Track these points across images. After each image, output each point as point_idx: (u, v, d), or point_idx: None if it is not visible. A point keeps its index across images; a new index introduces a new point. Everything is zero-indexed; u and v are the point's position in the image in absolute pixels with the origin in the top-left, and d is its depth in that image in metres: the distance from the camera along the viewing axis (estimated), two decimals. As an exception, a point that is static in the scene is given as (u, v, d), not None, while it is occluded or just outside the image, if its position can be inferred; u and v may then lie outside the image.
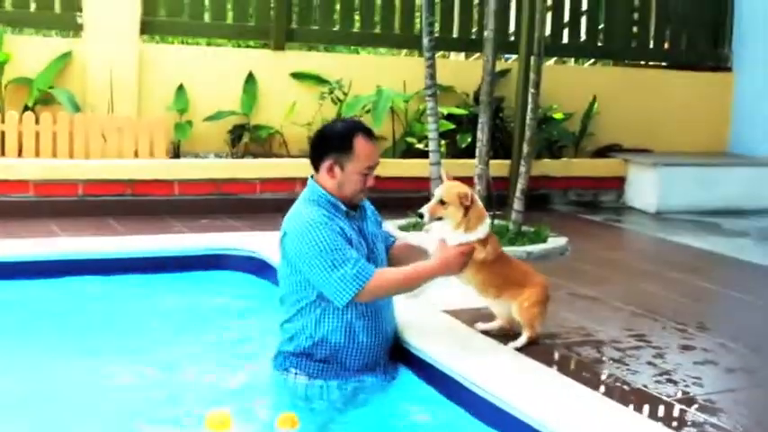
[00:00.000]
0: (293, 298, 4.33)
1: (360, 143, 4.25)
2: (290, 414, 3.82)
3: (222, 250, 6.48)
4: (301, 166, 8.39)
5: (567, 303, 5.72)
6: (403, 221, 7.65)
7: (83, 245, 6.50)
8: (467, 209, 4.32)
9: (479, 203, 4.46)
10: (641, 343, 4.97)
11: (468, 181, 7.76)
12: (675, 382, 4.36)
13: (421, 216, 4.37)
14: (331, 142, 4.29)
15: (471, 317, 4.94)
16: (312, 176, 4.39)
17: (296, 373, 4.35)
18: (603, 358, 4.68)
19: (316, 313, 4.29)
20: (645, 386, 4.28)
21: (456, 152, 9.39)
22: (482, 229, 4.41)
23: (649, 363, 4.64)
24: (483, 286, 4.55)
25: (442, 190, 4.39)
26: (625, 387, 4.26)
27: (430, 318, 4.99)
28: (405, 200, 8.48)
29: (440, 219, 4.36)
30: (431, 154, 7.47)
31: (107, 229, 7.29)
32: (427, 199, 7.61)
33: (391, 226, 4.74)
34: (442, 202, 4.35)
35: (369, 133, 4.32)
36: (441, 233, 4.40)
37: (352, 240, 4.27)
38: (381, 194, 4.46)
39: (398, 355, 4.60)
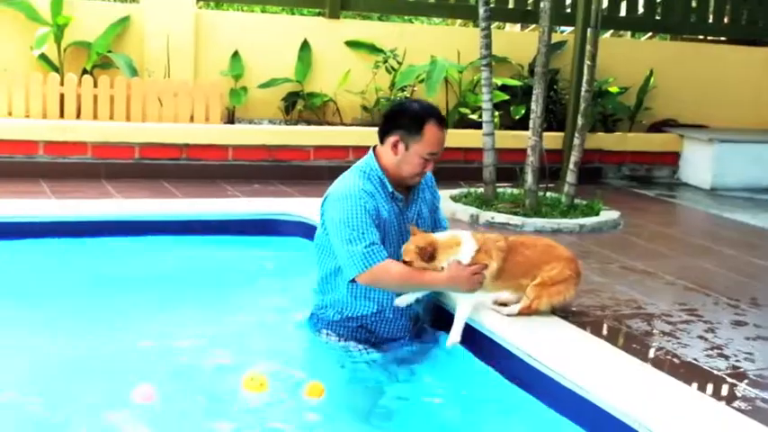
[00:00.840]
0: (320, 261, 4.47)
1: (430, 128, 4.28)
2: (318, 383, 3.90)
3: (273, 215, 6.54)
4: (354, 134, 8.49)
5: (619, 276, 5.70)
6: (455, 192, 7.66)
7: (138, 206, 6.60)
8: (431, 258, 4.22)
9: (440, 239, 4.29)
10: (693, 317, 4.93)
11: (520, 153, 7.81)
12: (726, 357, 4.33)
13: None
14: (403, 119, 4.33)
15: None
16: (374, 147, 4.44)
17: (327, 334, 4.47)
18: (654, 331, 4.66)
19: (343, 288, 4.39)
20: (695, 360, 4.26)
21: (509, 124, 9.37)
22: (463, 255, 4.30)
23: (700, 337, 4.61)
24: (508, 285, 4.45)
25: (404, 250, 4.27)
26: (675, 360, 4.24)
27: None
28: (457, 170, 8.55)
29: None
30: (484, 125, 7.45)
31: (161, 192, 7.39)
32: (478, 170, 7.70)
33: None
34: (405, 263, 4.26)
35: (441, 121, 4.35)
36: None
37: (385, 223, 4.32)
38: (436, 165, 4.44)
39: (438, 321, 4.66)
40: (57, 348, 4.38)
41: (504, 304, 4.48)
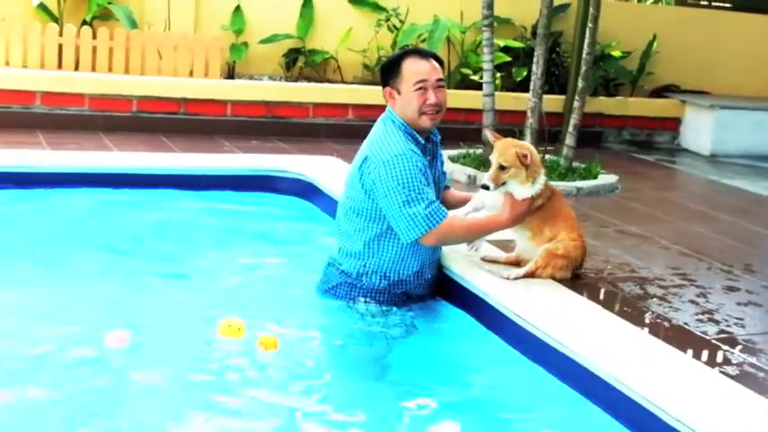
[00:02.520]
0: (357, 225, 4.32)
1: (407, 62, 4.26)
2: (271, 336, 3.89)
3: (270, 172, 6.50)
4: (355, 93, 8.45)
5: (615, 240, 5.69)
6: (454, 152, 7.63)
7: (135, 160, 6.58)
8: (528, 166, 4.17)
9: (534, 152, 4.30)
10: (685, 282, 4.93)
11: (520, 114, 7.78)
12: (717, 322, 4.33)
13: (486, 188, 4.16)
14: (384, 71, 4.36)
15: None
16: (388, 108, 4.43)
17: (366, 301, 4.38)
18: (646, 295, 4.65)
19: (391, 253, 4.31)
20: (686, 324, 4.25)
21: (511, 85, 9.33)
22: (542, 177, 4.30)
23: (692, 301, 4.61)
24: (538, 228, 4.41)
25: (499, 154, 4.18)
26: (665, 324, 4.24)
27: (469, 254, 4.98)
28: (458, 131, 8.49)
29: (504, 183, 4.19)
30: (484, 85, 7.40)
31: (158, 146, 7.36)
32: (479, 131, 7.67)
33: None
34: (502, 168, 4.16)
35: (420, 53, 4.33)
36: (514, 191, 4.26)
37: (429, 178, 4.26)
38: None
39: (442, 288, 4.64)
40: (42, 292, 4.40)
41: (494, 261, 4.48)
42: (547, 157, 7.50)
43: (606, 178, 7.30)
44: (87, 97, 7.84)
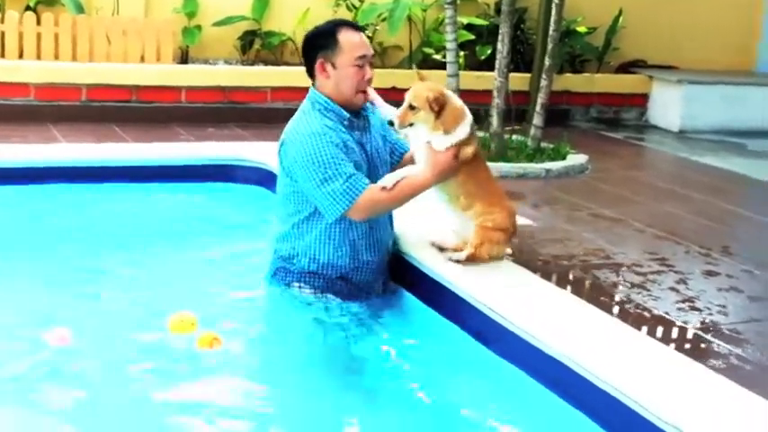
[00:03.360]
0: (288, 210, 4.12)
1: (343, 34, 4.00)
2: (211, 333, 3.67)
3: (228, 161, 6.22)
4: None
5: (587, 224, 5.48)
6: (417, 135, 7.37)
7: (83, 151, 6.27)
8: (438, 112, 3.89)
9: (455, 101, 3.99)
10: (663, 267, 4.73)
11: (485, 94, 7.54)
12: (699, 310, 4.13)
13: (391, 124, 3.96)
14: (316, 42, 4.06)
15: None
16: (312, 87, 4.13)
17: (300, 287, 4.14)
18: (623, 282, 4.45)
19: (316, 232, 4.07)
20: (666, 313, 4.05)
21: (475, 64, 9.07)
22: (462, 129, 3.95)
23: (672, 288, 4.41)
24: (460, 191, 4.08)
25: (411, 93, 3.91)
26: (645, 314, 4.04)
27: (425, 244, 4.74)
28: (420, 112, 8.23)
29: (411, 125, 3.95)
30: (448, 65, 7.14)
31: (110, 136, 7.05)
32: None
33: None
34: (411, 107, 3.90)
35: (353, 26, 4.12)
36: (421, 137, 3.99)
37: (353, 153, 4.00)
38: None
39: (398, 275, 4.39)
40: None
41: (441, 248, 4.24)
42: (514, 137, 7.28)
43: (575, 158, 7.08)
44: (33, 87, 7.52)
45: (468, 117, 3.99)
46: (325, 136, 3.91)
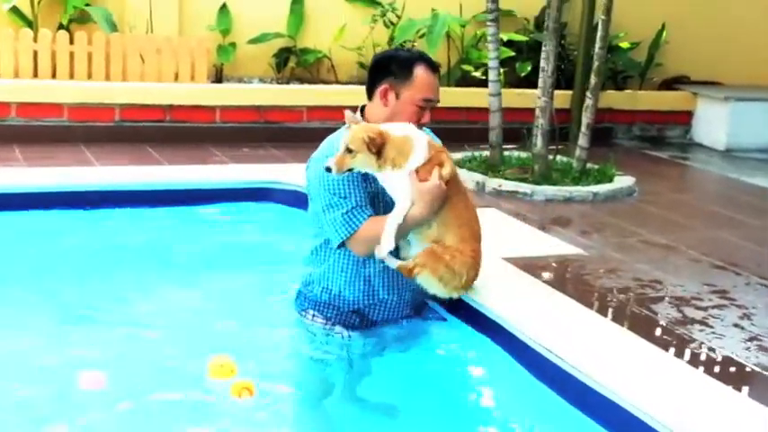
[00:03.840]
0: (312, 232, 3.97)
1: (420, 71, 3.78)
2: (246, 382, 3.46)
3: (264, 183, 6.08)
4: (351, 93, 7.91)
5: (640, 252, 5.24)
6: (458, 155, 7.17)
7: (117, 175, 6.12)
8: (378, 152, 3.56)
9: (395, 133, 3.61)
10: (724, 301, 4.47)
11: (526, 112, 7.33)
12: (767, 350, 3.87)
13: (329, 170, 3.57)
14: (390, 66, 3.81)
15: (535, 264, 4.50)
16: (362, 108, 3.92)
17: (313, 316, 3.98)
18: (684, 318, 4.19)
19: (330, 261, 3.89)
20: (734, 355, 3.79)
21: (515, 81, 8.86)
22: (416, 155, 3.62)
23: (736, 325, 4.15)
24: (434, 218, 3.74)
25: (348, 137, 3.57)
26: (711, 355, 3.79)
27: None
28: (459, 131, 8.07)
29: (351, 170, 3.61)
30: (490, 84, 6.94)
31: (144, 158, 6.88)
32: (482, 132, 7.22)
33: None
34: (348, 151, 3.56)
35: (432, 65, 3.85)
36: (387, 178, 3.67)
37: (373, 182, 3.75)
38: (434, 125, 3.93)
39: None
40: (13, 323, 4.06)
41: None
42: (558, 158, 7.05)
43: (623, 181, 6.84)
44: (66, 107, 7.37)
45: (418, 140, 3.64)
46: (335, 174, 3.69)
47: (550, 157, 6.90)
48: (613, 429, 3.23)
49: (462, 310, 4.11)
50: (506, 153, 7.15)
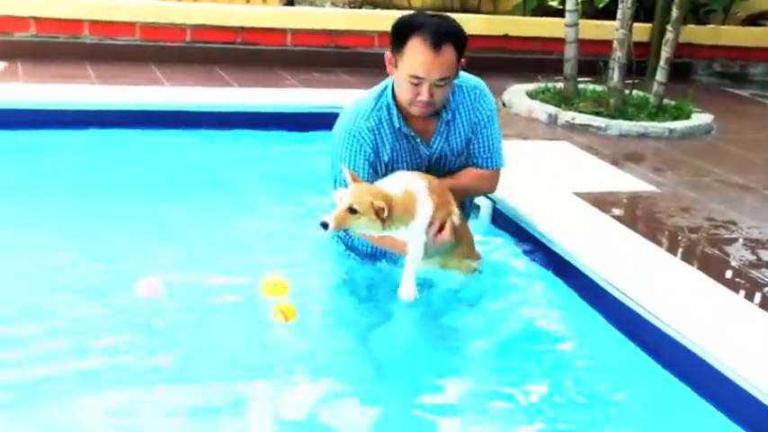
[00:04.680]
0: None
1: (414, 44, 3.46)
2: (288, 305, 3.44)
3: (334, 108, 5.98)
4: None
5: (715, 192, 5.09)
6: (531, 87, 7.03)
7: (187, 95, 6.10)
8: (383, 220, 3.35)
9: (396, 194, 3.40)
10: (803, 245, 4.33)
11: (603, 44, 7.12)
12: None
13: (324, 226, 3.29)
14: (394, 34, 3.58)
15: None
16: None
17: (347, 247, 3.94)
18: (758, 261, 4.06)
19: None
20: (810, 301, 3.67)
21: (592, 12, 8.60)
22: (423, 212, 3.45)
23: (815, 271, 4.02)
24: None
25: (352, 196, 3.34)
26: (786, 300, 3.67)
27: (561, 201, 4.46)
28: (534, 61, 7.91)
29: (346, 230, 3.45)
30: (567, 14, 6.75)
31: (214, 79, 6.86)
32: (557, 63, 7.05)
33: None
34: (352, 211, 3.32)
35: (433, 40, 3.46)
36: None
37: (390, 164, 3.67)
38: (510, 55, 3.80)
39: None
40: (77, 236, 4.11)
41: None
42: (634, 92, 6.86)
43: (700, 118, 6.63)
44: (138, 26, 7.35)
45: (421, 194, 3.45)
46: (354, 140, 3.63)
47: (626, 91, 6.72)
48: (678, 370, 3.18)
49: (529, 244, 4.05)
50: (581, 86, 6.99)
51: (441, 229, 3.50)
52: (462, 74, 3.71)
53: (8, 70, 6.61)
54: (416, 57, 3.45)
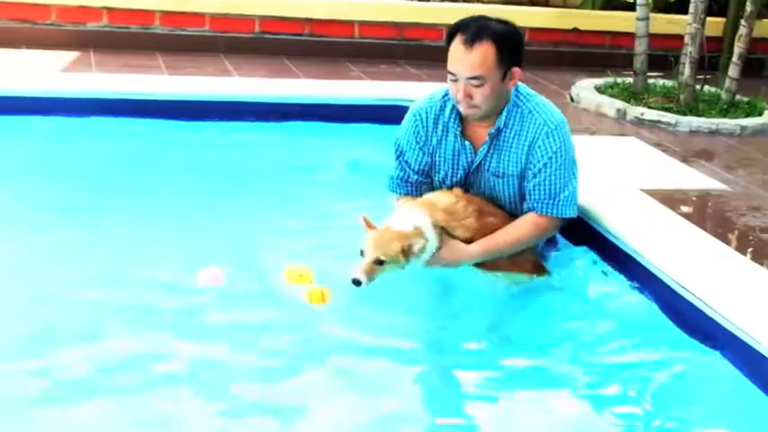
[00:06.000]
0: None
1: (454, 43, 3.59)
2: (322, 288, 3.50)
3: (401, 101, 5.99)
4: (491, 14, 7.73)
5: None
6: (600, 81, 6.96)
7: (254, 87, 6.16)
8: (411, 255, 3.48)
9: (408, 232, 3.49)
10: None
11: (674, 39, 7.03)
12: None
13: (357, 283, 3.38)
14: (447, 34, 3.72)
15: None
16: None
17: None
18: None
19: None
20: None
21: (663, 6, 8.48)
22: (431, 241, 3.55)
23: None
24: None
25: (374, 247, 3.44)
26: None
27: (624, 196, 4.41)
28: (602, 56, 7.84)
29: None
30: (638, 8, 6.66)
31: (282, 71, 6.92)
32: (627, 57, 6.97)
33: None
34: (380, 263, 3.42)
35: (467, 38, 3.54)
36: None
37: (437, 156, 3.78)
38: (579, 49, 3.77)
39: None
40: (142, 226, 4.22)
41: None
42: (705, 88, 6.75)
43: (773, 115, 6.51)
44: (208, 17, 7.45)
45: (425, 226, 3.52)
46: (410, 120, 3.83)
47: (697, 86, 6.61)
48: (755, 376, 3.13)
49: (596, 241, 4.01)
50: (650, 81, 6.89)
51: None
52: (542, 101, 3.75)
53: (81, 60, 6.74)
54: (453, 54, 3.59)
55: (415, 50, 7.77)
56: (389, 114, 5.80)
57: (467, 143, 3.74)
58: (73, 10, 7.22)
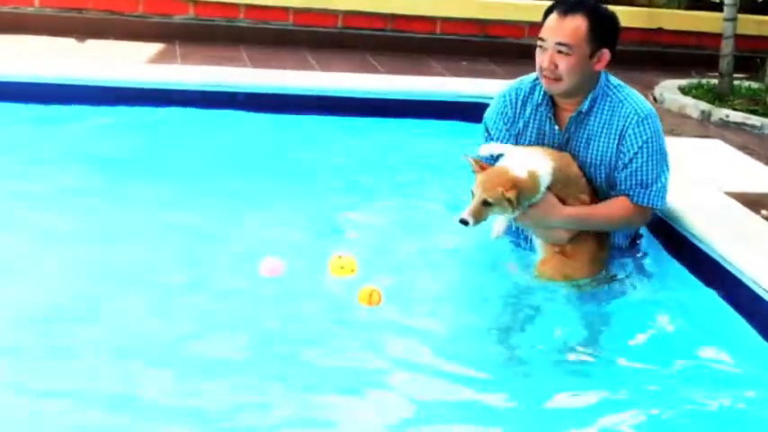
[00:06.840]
0: None
1: (550, 16, 3.55)
2: (373, 289, 3.45)
3: (482, 98, 5.98)
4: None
5: None
6: (684, 82, 6.87)
7: (337, 81, 6.20)
8: (516, 200, 3.42)
9: (522, 177, 3.43)
10: None
11: (761, 40, 6.90)
12: None
13: (465, 223, 3.39)
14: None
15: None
16: None
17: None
18: None
19: None
20: None
21: (750, 6, 8.32)
22: (543, 183, 3.49)
23: None
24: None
25: (482, 188, 3.41)
26: None
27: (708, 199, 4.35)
28: (687, 56, 7.74)
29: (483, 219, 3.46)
30: (726, 8, 6.57)
31: (364, 66, 6.97)
32: (712, 58, 6.87)
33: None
34: (486, 204, 3.41)
35: (562, 8, 3.53)
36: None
37: (522, 136, 3.72)
38: (663, 48, 3.72)
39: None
40: (212, 214, 4.24)
41: None
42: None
43: None
44: (291, 11, 7.54)
45: (543, 171, 3.49)
46: (497, 101, 3.81)
47: (786, 90, 6.51)
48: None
49: (678, 245, 3.96)
50: (736, 82, 6.78)
51: None
52: (632, 92, 3.70)
53: (167, 51, 6.86)
54: (546, 23, 3.56)
55: (497, 47, 7.75)
56: (470, 111, 5.88)
57: (555, 127, 3.71)
58: (160, 2, 7.38)
